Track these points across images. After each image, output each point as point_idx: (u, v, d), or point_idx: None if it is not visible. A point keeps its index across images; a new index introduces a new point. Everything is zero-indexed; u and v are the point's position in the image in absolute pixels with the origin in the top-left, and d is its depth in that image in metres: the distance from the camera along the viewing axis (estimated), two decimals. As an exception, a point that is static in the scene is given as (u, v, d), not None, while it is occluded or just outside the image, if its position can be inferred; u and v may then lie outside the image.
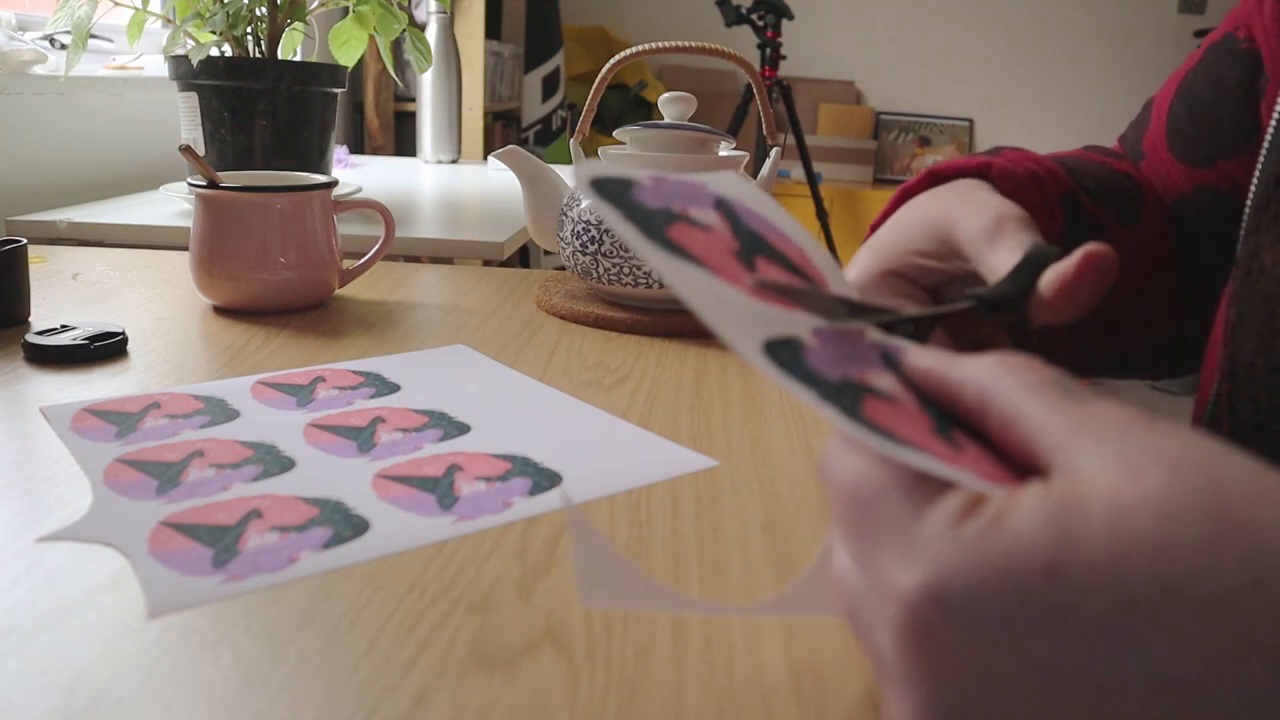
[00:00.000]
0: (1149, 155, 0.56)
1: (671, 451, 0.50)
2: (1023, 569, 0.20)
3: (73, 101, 1.29)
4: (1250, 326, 0.38)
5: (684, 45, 0.75)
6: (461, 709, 0.29)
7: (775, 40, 3.02)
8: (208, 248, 0.70)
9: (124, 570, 0.36)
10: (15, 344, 0.62)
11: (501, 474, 0.46)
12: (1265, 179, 0.41)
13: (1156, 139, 0.55)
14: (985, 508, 0.21)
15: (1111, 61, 3.95)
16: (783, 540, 0.41)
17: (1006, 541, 0.20)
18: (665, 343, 0.69)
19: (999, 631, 0.20)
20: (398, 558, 0.38)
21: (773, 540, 0.41)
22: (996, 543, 0.20)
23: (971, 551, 0.21)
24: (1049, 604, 0.19)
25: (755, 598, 0.36)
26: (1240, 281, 0.40)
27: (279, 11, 1.11)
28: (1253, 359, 0.38)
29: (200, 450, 0.47)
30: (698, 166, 0.72)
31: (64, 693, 0.29)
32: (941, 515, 0.22)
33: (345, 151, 1.67)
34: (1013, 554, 0.20)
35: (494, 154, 0.80)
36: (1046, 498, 0.21)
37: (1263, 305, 0.38)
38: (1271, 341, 0.37)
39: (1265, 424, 0.37)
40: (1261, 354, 0.38)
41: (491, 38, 2.86)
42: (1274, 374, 0.37)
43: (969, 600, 0.20)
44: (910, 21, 4.01)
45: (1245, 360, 0.38)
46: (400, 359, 0.63)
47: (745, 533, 0.41)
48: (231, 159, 1.10)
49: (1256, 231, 0.39)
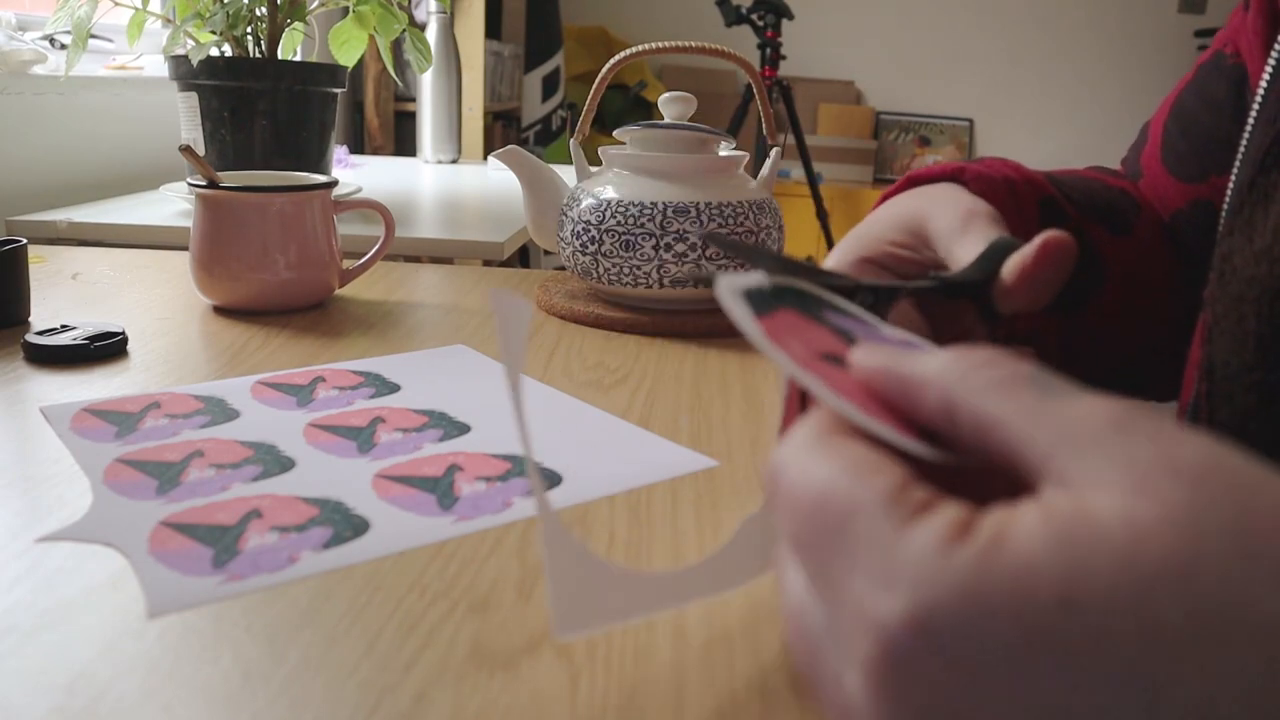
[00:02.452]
0: (1146, 173, 0.57)
1: (671, 451, 0.50)
2: (1032, 599, 0.17)
3: (73, 101, 1.29)
4: (1225, 327, 0.39)
5: (684, 45, 0.75)
6: (461, 709, 0.29)
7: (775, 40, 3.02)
8: (208, 248, 0.70)
9: (124, 570, 0.36)
10: (15, 344, 0.62)
11: (501, 474, 0.46)
12: (1240, 183, 0.41)
13: (1152, 156, 0.57)
14: (979, 528, 0.19)
15: (1111, 61, 3.95)
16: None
17: (1010, 567, 0.18)
18: (665, 343, 0.69)
19: (1001, 671, 0.17)
20: (398, 558, 0.38)
21: (773, 540, 0.41)
22: (997, 568, 0.18)
23: (967, 577, 0.18)
24: (1065, 641, 0.17)
25: (756, 598, 0.36)
26: (1215, 283, 0.40)
27: (279, 11, 1.11)
28: (1228, 359, 0.38)
29: (200, 450, 0.47)
30: (698, 167, 0.72)
31: (64, 693, 0.29)
32: (928, 534, 0.19)
33: (345, 151, 1.67)
34: (1020, 581, 0.17)
35: (494, 154, 0.80)
36: (1050, 517, 0.18)
37: (1235, 306, 0.38)
38: (1244, 341, 0.38)
39: (1242, 424, 0.38)
40: (1236, 354, 0.38)
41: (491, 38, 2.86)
42: (1248, 373, 0.37)
43: (964, 633, 0.18)
44: (910, 21, 4.01)
45: (1222, 360, 0.39)
46: (400, 359, 0.63)
47: (745, 533, 0.41)
48: (231, 159, 1.10)
49: (1230, 234, 0.40)
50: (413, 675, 0.31)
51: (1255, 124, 0.42)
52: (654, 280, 0.70)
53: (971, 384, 0.21)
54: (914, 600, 0.18)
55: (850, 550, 0.20)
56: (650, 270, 0.70)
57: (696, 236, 0.31)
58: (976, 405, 0.21)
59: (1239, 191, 0.41)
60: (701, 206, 0.70)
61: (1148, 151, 0.57)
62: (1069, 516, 0.18)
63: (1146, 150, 0.57)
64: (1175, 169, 0.54)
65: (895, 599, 0.18)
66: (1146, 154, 0.57)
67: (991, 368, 0.22)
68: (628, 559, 0.39)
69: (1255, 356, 0.37)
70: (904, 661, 0.18)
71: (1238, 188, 0.42)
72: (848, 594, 0.20)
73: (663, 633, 0.34)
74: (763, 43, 3.03)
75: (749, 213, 0.72)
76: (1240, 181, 0.42)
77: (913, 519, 0.19)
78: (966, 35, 4.00)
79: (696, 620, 0.34)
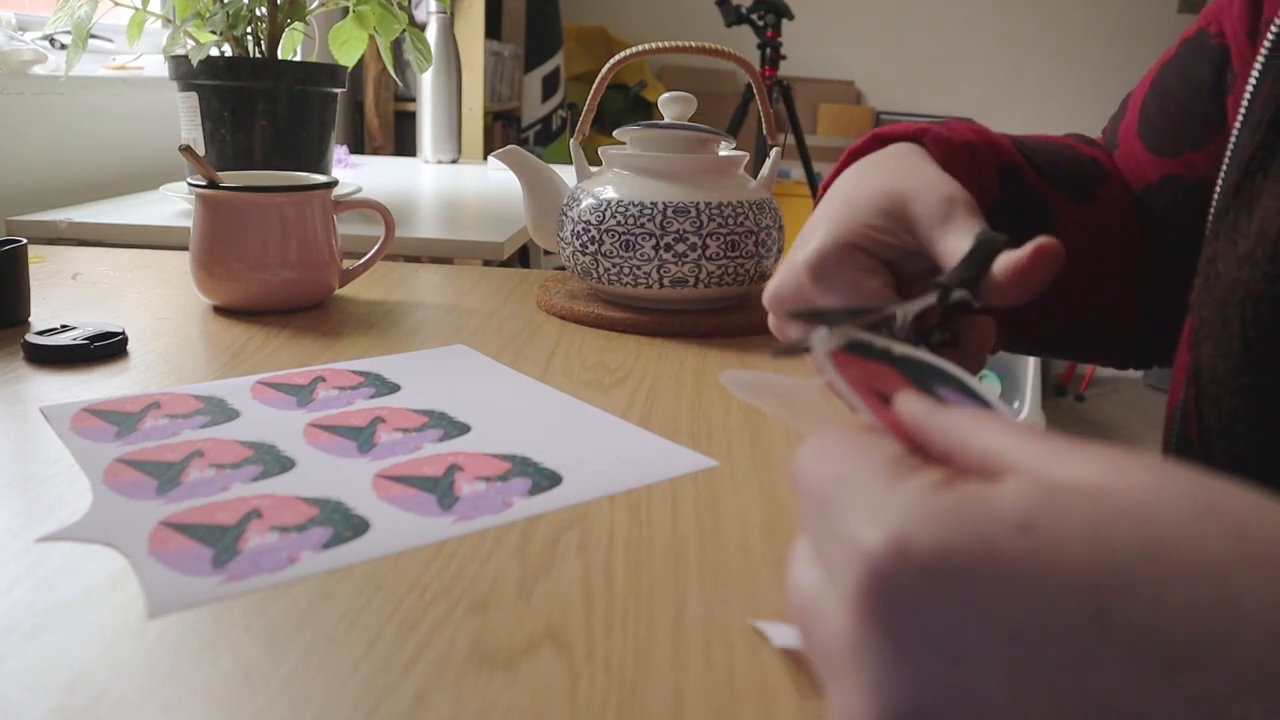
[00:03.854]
0: (1122, 145, 0.57)
1: (671, 451, 0.50)
2: (993, 522, 0.19)
3: (73, 101, 1.29)
4: (1210, 331, 0.39)
5: (684, 45, 0.75)
6: (461, 709, 0.29)
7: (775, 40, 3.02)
8: (208, 248, 0.70)
9: (124, 570, 0.36)
10: (15, 344, 0.62)
11: (501, 474, 0.46)
12: (1226, 187, 0.42)
13: (1130, 129, 0.57)
14: (965, 481, 0.20)
15: (1111, 61, 3.95)
16: (783, 540, 0.41)
17: (984, 500, 0.19)
18: (665, 343, 0.69)
19: (962, 588, 0.18)
20: (398, 558, 0.38)
21: (773, 540, 0.41)
22: (973, 502, 0.19)
23: (946, 509, 0.19)
24: (1018, 557, 0.18)
25: (756, 598, 0.36)
26: (1200, 287, 0.41)
27: (279, 11, 1.11)
28: (1214, 363, 0.39)
29: (200, 450, 0.47)
30: (698, 167, 0.72)
31: (64, 693, 0.29)
32: (918, 481, 0.20)
33: (345, 151, 1.67)
34: (985, 509, 0.19)
35: (494, 154, 0.80)
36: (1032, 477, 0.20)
37: (1220, 311, 0.39)
38: (1230, 346, 0.38)
39: (1229, 427, 0.38)
40: (1222, 358, 0.38)
41: (491, 38, 2.86)
42: (1234, 377, 0.38)
43: (934, 554, 0.19)
44: (910, 21, 4.01)
45: (1208, 365, 0.39)
46: (400, 359, 0.63)
47: (745, 533, 0.41)
48: (231, 159, 1.10)
49: (1215, 238, 0.40)
50: (413, 675, 0.31)
51: (1242, 127, 0.42)
52: (654, 280, 0.70)
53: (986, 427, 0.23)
54: (895, 525, 0.19)
55: (847, 497, 0.21)
56: (650, 270, 0.70)
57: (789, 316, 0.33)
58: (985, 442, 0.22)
59: (1224, 196, 0.41)
60: (701, 206, 0.70)
61: (1125, 124, 0.57)
62: (1049, 477, 0.20)
63: (1125, 123, 0.57)
64: (1151, 143, 0.55)
65: (880, 529, 0.20)
66: (1124, 126, 0.57)
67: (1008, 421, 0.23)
68: (627, 559, 0.39)
69: (1241, 360, 0.37)
70: (885, 584, 0.19)
71: (1223, 192, 0.42)
72: (841, 533, 0.21)
73: (663, 633, 0.34)
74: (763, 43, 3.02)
75: (749, 213, 0.72)
76: (1226, 186, 0.42)
77: (907, 473, 0.21)
78: (966, 35, 4.00)
79: (696, 620, 0.34)
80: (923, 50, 4.03)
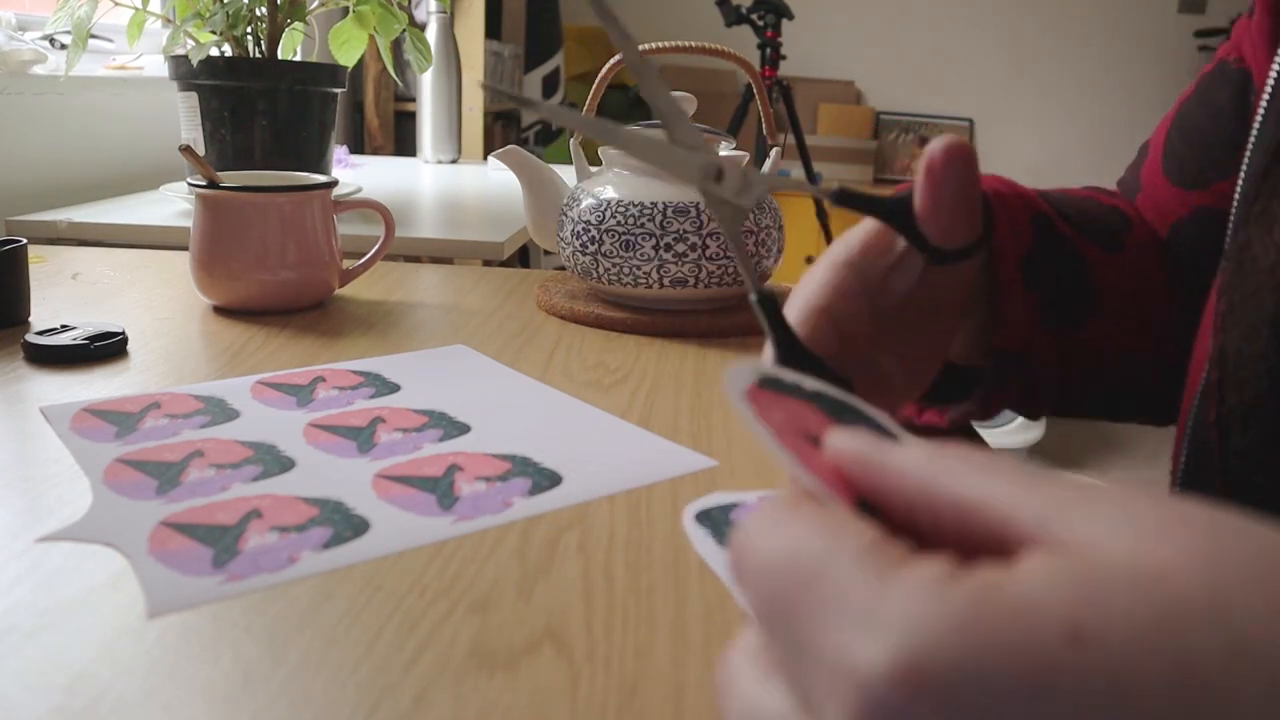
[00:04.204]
0: (1145, 186, 0.57)
1: (671, 451, 0.50)
2: (1037, 634, 0.15)
3: (73, 101, 1.29)
4: (1240, 315, 0.39)
5: (684, 45, 0.75)
6: (461, 709, 0.29)
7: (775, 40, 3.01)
8: (208, 248, 0.70)
9: (124, 570, 0.36)
10: (15, 344, 0.62)
11: (501, 474, 0.46)
12: (1252, 172, 0.42)
13: (1154, 168, 0.56)
14: (974, 572, 0.16)
15: (1111, 61, 3.95)
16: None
17: (1012, 601, 0.15)
18: (665, 343, 0.69)
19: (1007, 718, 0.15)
20: (398, 558, 0.38)
21: (773, 540, 0.41)
22: (997, 604, 0.15)
23: (964, 614, 0.15)
24: (1076, 681, 0.14)
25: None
26: (1231, 273, 0.41)
27: (279, 11, 1.11)
28: (1241, 346, 0.39)
29: (200, 450, 0.47)
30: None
31: (64, 693, 0.29)
32: (918, 575, 0.16)
33: (345, 151, 1.67)
34: (1023, 617, 0.15)
35: (494, 154, 0.80)
36: (1053, 559, 0.16)
37: (1253, 295, 0.39)
38: (1258, 328, 0.38)
39: (1250, 409, 0.39)
40: (1249, 340, 0.39)
41: (491, 38, 2.86)
42: (1260, 360, 0.38)
43: (960, 677, 0.15)
44: (910, 21, 4.01)
45: (1234, 348, 0.39)
46: (400, 359, 0.63)
47: (745, 533, 0.41)
48: (231, 159, 1.10)
49: (1246, 224, 0.41)
50: (413, 675, 0.31)
51: (1265, 117, 0.42)
52: (654, 280, 0.70)
53: (954, 469, 0.19)
54: (902, 644, 0.15)
55: (824, 603, 0.17)
56: (650, 270, 0.70)
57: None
58: (959, 488, 0.19)
59: (1253, 180, 0.41)
60: (701, 206, 0.70)
61: (1148, 165, 0.57)
62: (1075, 557, 0.16)
63: (1147, 164, 0.57)
64: (1176, 177, 0.54)
65: (880, 644, 0.16)
66: (1147, 167, 0.57)
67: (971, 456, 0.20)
68: (627, 559, 0.39)
69: (1269, 343, 0.38)
70: (891, 716, 0.15)
71: (1251, 176, 0.42)
72: (823, 652, 0.17)
73: (663, 633, 0.34)
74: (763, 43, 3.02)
75: (749, 212, 0.72)
76: (1252, 170, 0.42)
77: (897, 565, 0.17)
78: (966, 35, 4.00)
79: (696, 620, 0.34)
80: (923, 50, 4.03)
